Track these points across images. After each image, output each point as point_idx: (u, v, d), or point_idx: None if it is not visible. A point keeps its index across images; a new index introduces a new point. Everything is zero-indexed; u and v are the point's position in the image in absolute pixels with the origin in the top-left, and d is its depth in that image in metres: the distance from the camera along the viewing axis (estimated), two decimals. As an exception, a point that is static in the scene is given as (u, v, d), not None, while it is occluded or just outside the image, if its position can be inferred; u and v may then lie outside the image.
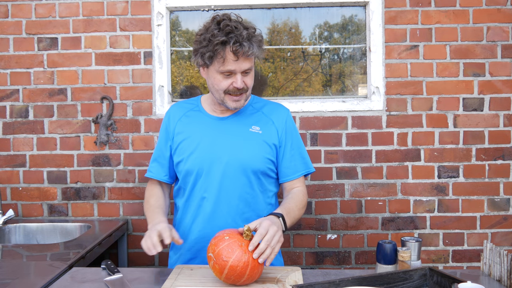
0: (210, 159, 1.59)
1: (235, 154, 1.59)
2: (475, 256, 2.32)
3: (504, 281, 1.32)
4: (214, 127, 1.64)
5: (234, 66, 1.50)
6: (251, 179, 1.60)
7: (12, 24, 2.35)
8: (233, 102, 1.57)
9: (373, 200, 2.32)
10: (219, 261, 1.25)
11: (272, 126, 1.65)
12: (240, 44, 1.46)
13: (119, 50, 2.33)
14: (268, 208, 1.67)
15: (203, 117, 1.68)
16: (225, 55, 1.48)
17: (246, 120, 1.65)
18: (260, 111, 1.69)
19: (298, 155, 1.68)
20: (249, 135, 1.62)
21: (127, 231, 2.34)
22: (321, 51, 2.42)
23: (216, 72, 1.53)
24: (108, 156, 2.35)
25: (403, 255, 1.36)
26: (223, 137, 1.61)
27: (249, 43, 1.48)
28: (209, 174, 1.59)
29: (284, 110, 1.71)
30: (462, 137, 2.30)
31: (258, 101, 1.74)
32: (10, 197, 2.38)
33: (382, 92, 2.30)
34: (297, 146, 1.69)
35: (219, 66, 1.51)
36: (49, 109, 2.36)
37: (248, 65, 1.52)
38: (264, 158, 1.61)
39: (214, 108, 1.68)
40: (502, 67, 2.28)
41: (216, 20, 1.51)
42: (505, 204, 2.31)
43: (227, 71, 1.51)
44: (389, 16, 2.28)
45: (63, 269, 1.52)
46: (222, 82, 1.54)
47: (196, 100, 1.76)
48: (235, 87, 1.53)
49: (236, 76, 1.52)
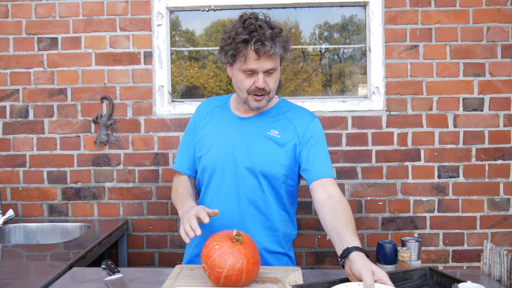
0: (224, 157, 1.59)
1: (247, 155, 1.58)
2: (475, 256, 2.32)
3: (504, 281, 1.32)
4: (233, 126, 1.64)
5: (255, 65, 1.48)
6: (261, 182, 1.58)
7: (12, 24, 2.35)
8: (255, 102, 1.56)
9: (373, 200, 2.32)
10: (214, 272, 1.24)
11: (293, 131, 1.61)
12: (262, 43, 1.44)
13: (119, 50, 2.33)
14: (280, 214, 1.63)
15: (227, 115, 1.68)
16: (247, 54, 1.47)
17: (267, 123, 1.63)
18: (284, 115, 1.65)
19: (325, 158, 1.60)
20: (265, 138, 1.60)
21: (127, 231, 2.34)
22: (321, 51, 2.42)
23: (239, 71, 1.53)
24: (108, 156, 2.35)
25: (403, 255, 1.36)
26: (240, 137, 1.61)
27: (272, 42, 1.46)
28: (222, 172, 1.60)
29: (309, 116, 1.66)
30: (462, 137, 2.30)
31: (285, 105, 1.70)
32: (10, 197, 2.38)
33: (382, 92, 2.30)
34: (322, 150, 1.61)
35: (241, 65, 1.50)
36: (49, 109, 2.36)
37: (271, 65, 1.50)
38: (277, 163, 1.58)
39: (238, 107, 1.67)
40: (502, 67, 2.28)
41: (242, 18, 1.51)
42: (505, 204, 2.31)
43: (249, 70, 1.50)
44: (389, 16, 2.28)
45: (63, 269, 1.52)
46: (245, 81, 1.53)
47: (226, 98, 1.76)
48: (257, 87, 1.51)
49: (258, 76, 1.51)
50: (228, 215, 1.59)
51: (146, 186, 2.36)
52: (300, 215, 2.33)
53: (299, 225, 2.32)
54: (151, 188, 2.35)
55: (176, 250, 2.37)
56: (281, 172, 1.59)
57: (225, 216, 1.59)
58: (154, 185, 2.35)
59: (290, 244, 1.72)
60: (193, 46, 2.44)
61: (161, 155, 2.34)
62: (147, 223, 2.37)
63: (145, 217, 2.37)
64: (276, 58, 1.51)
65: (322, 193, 1.49)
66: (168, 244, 2.37)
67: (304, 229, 2.33)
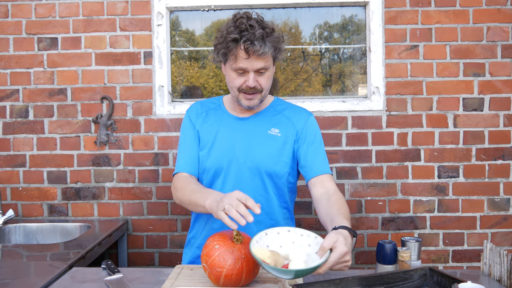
0: (227, 158, 1.60)
1: (250, 155, 1.58)
2: (475, 256, 2.32)
3: (504, 281, 1.32)
4: (233, 126, 1.64)
5: (245, 64, 1.50)
6: (265, 181, 1.59)
7: (12, 24, 2.35)
8: (246, 100, 1.56)
9: (373, 200, 2.32)
10: (214, 271, 1.25)
11: (292, 128, 1.63)
12: (251, 43, 1.45)
13: (119, 50, 2.33)
14: (283, 212, 1.66)
15: (224, 116, 1.68)
16: (237, 53, 1.49)
17: (266, 122, 1.64)
18: (281, 113, 1.67)
19: (321, 155, 1.64)
20: (267, 137, 1.61)
21: (127, 231, 2.34)
22: (321, 51, 2.42)
23: (230, 69, 1.54)
24: (108, 156, 2.35)
25: (403, 255, 1.35)
26: (241, 137, 1.61)
27: (262, 42, 1.46)
28: (225, 173, 1.60)
29: (306, 113, 1.69)
30: (462, 137, 2.30)
31: (281, 104, 1.72)
32: (10, 197, 2.38)
33: (382, 92, 2.30)
34: (319, 147, 1.65)
35: (232, 63, 1.52)
36: (49, 109, 2.36)
37: (261, 64, 1.51)
38: (280, 161, 1.60)
39: (234, 107, 1.68)
40: (502, 67, 2.28)
41: (235, 18, 1.52)
42: (505, 204, 2.31)
43: (239, 69, 1.51)
44: (389, 16, 2.28)
45: (63, 269, 1.52)
46: (236, 80, 1.54)
47: (218, 99, 1.76)
48: (248, 86, 1.52)
49: (249, 75, 1.52)
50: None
51: (146, 186, 2.36)
52: (300, 215, 2.33)
53: (299, 225, 2.33)
54: (151, 188, 2.35)
55: (176, 250, 2.37)
56: (284, 170, 1.61)
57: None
58: (154, 185, 2.35)
59: None
60: (193, 46, 2.44)
61: (161, 155, 2.34)
62: (147, 223, 2.37)
63: (145, 217, 2.37)
64: (267, 58, 1.52)
65: (319, 189, 1.56)
66: (168, 244, 2.37)
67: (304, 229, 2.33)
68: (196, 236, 1.71)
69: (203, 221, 1.68)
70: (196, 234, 1.71)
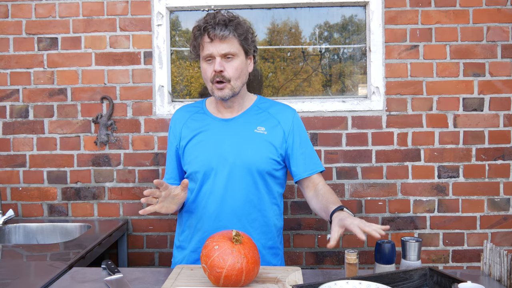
0: (216, 161, 1.60)
1: (240, 156, 1.59)
2: (475, 256, 2.32)
3: (504, 281, 1.32)
4: (219, 129, 1.65)
5: (210, 48, 1.54)
6: (256, 180, 1.60)
7: (12, 24, 2.35)
8: (217, 91, 1.59)
9: (373, 200, 2.32)
10: (213, 272, 1.25)
11: (278, 126, 1.65)
12: (212, 27, 1.52)
13: (119, 50, 2.34)
14: (273, 209, 1.67)
15: (208, 119, 1.69)
16: (201, 40, 1.56)
17: (251, 121, 1.66)
18: (266, 111, 1.69)
19: (310, 153, 1.69)
20: (254, 136, 1.62)
21: (127, 231, 2.34)
22: (321, 51, 2.42)
23: (202, 61, 1.60)
24: (108, 156, 2.35)
25: (348, 257, 1.29)
26: (228, 138, 1.62)
27: (223, 26, 1.53)
28: (215, 175, 1.60)
29: (290, 110, 1.72)
30: (462, 137, 2.30)
31: (265, 102, 1.74)
32: (10, 197, 2.38)
33: (382, 92, 2.30)
34: (306, 144, 1.70)
35: (201, 53, 1.58)
36: (49, 109, 2.36)
37: (226, 48, 1.54)
38: (269, 159, 1.61)
39: (218, 109, 1.69)
40: (502, 67, 2.28)
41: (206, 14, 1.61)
42: (505, 204, 2.31)
43: (207, 56, 1.57)
44: (389, 16, 2.28)
45: (63, 269, 1.52)
46: (207, 70, 1.58)
47: (200, 103, 1.77)
48: (214, 71, 1.55)
49: (215, 60, 1.55)
50: (225, 217, 1.59)
51: (146, 186, 2.36)
52: (300, 215, 2.33)
53: (299, 225, 2.33)
54: (151, 188, 2.35)
55: (176, 250, 2.37)
56: (273, 167, 1.63)
57: (221, 218, 1.59)
58: (154, 185, 2.35)
59: (281, 238, 1.77)
60: (193, 46, 2.44)
61: (161, 155, 2.34)
62: (147, 223, 2.37)
63: (145, 217, 2.37)
64: (231, 42, 1.56)
65: (311, 188, 1.68)
66: (168, 244, 2.37)
67: (304, 229, 2.33)
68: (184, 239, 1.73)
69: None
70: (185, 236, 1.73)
